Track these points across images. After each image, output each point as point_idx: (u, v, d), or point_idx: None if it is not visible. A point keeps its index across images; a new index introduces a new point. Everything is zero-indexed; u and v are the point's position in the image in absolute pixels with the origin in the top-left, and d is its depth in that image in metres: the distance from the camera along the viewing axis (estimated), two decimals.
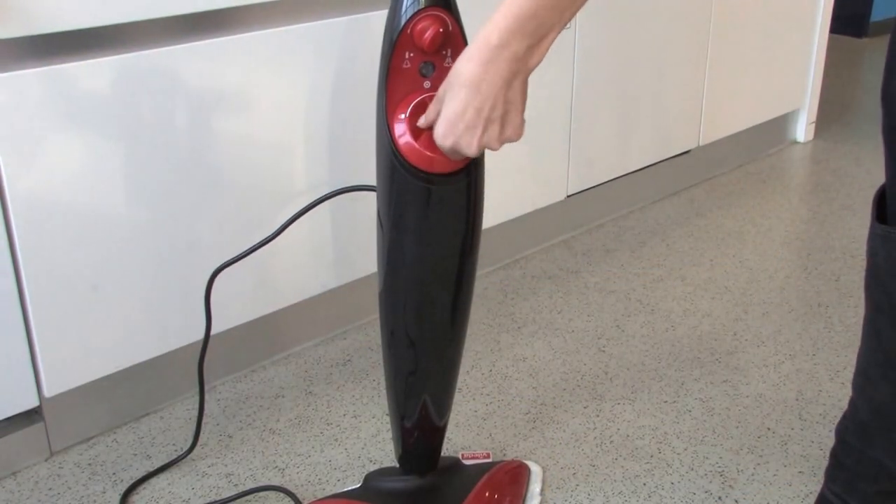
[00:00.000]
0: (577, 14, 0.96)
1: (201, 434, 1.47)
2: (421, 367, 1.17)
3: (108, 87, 1.30)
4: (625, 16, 2.01)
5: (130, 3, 1.28)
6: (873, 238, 1.07)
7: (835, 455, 1.21)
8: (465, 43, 1.02)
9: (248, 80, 1.44)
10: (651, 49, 2.11)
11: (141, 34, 1.33)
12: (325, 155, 1.56)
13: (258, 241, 1.30)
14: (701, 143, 2.36)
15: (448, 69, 1.02)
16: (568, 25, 1.06)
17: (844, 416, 1.18)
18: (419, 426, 1.21)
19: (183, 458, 1.44)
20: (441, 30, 1.00)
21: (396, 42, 1.00)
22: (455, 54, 1.02)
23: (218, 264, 1.36)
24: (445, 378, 1.20)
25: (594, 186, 2.14)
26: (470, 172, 1.04)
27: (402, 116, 1.02)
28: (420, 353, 1.16)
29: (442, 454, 1.29)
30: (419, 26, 0.99)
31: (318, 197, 1.26)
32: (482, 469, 1.34)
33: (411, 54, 1.01)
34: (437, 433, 1.25)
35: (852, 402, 1.16)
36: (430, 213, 1.05)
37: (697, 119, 2.32)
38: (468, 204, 1.07)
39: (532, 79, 0.98)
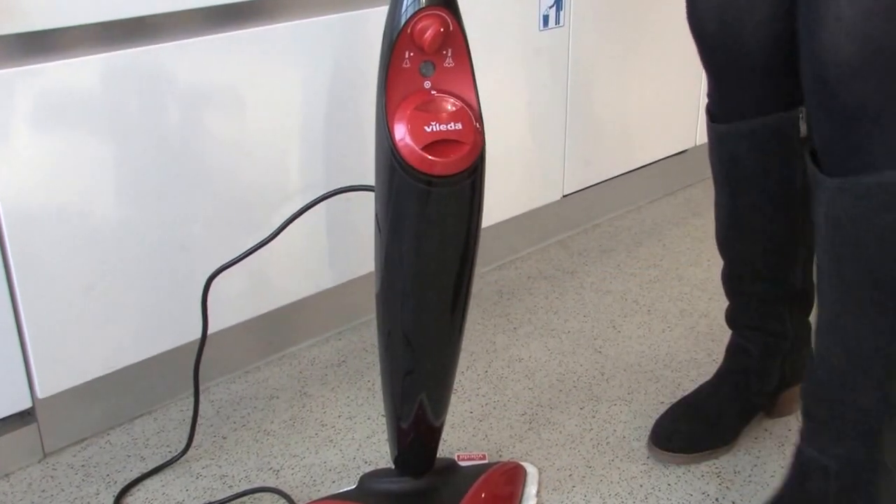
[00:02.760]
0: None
1: (195, 435, 1.48)
2: (418, 367, 1.18)
3: (97, 86, 1.30)
4: (620, 14, 2.02)
5: (111, 1, 1.28)
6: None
7: (808, 414, 1.25)
8: (466, 43, 1.03)
9: (240, 78, 1.44)
10: (647, 48, 2.12)
11: (129, 32, 1.34)
12: (319, 154, 1.57)
13: (252, 241, 1.31)
14: (697, 143, 2.37)
15: (449, 69, 1.02)
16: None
17: (809, 372, 1.24)
18: (415, 427, 1.22)
19: (177, 459, 1.45)
20: (441, 29, 1.00)
21: (396, 41, 1.00)
22: (455, 54, 1.03)
23: (211, 264, 1.36)
24: (442, 378, 1.21)
25: (590, 186, 2.15)
26: (471, 174, 1.04)
27: (403, 117, 1.02)
28: (417, 354, 1.17)
29: (438, 456, 1.30)
30: (419, 26, 1.00)
31: (314, 197, 1.27)
32: (478, 470, 1.35)
33: (411, 54, 1.01)
34: (434, 434, 1.26)
35: (818, 356, 1.21)
36: (428, 216, 1.06)
37: (694, 118, 2.33)
38: (469, 206, 1.07)
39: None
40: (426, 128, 1.01)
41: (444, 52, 1.03)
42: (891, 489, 1.23)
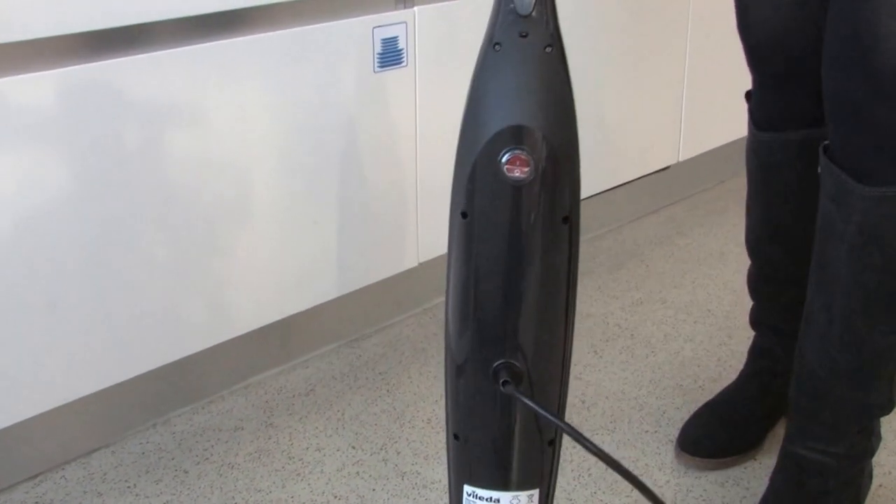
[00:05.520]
0: None
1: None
2: None
3: (57, 101, 1.30)
4: (599, 28, 2.03)
5: (70, 14, 1.28)
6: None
7: (805, 416, 1.31)
8: None
9: (203, 93, 1.44)
10: (627, 62, 2.13)
11: (88, 46, 1.34)
12: (283, 171, 1.57)
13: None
14: (680, 159, 2.38)
15: None
16: None
17: (803, 377, 1.30)
18: None
19: None
20: None
21: None
22: None
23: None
24: None
25: None
26: None
27: None
28: None
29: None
30: None
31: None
32: None
33: None
34: None
35: (820, 361, 1.27)
36: None
37: (676, 134, 2.34)
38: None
39: None
40: None
41: None
42: (867, 469, 1.35)
